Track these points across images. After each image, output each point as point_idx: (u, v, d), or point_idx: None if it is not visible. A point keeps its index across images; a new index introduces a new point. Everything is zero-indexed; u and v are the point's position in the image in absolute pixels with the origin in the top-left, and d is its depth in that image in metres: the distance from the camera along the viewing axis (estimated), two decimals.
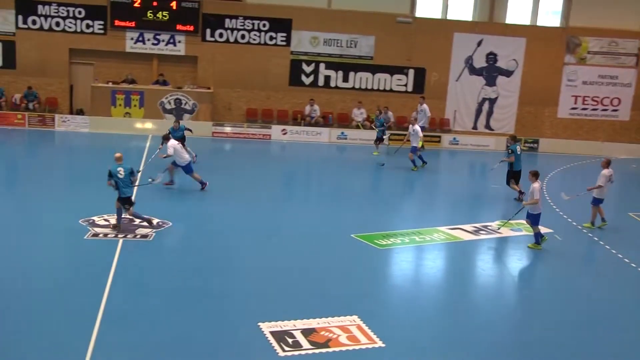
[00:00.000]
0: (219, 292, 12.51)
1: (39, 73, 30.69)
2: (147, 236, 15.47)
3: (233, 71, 31.79)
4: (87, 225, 16.01)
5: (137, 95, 30.29)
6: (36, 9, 30.25)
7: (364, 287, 13.24)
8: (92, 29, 30.64)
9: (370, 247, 15.66)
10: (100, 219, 16.53)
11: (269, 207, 19.21)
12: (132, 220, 16.40)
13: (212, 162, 25.30)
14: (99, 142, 28.00)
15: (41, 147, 27.10)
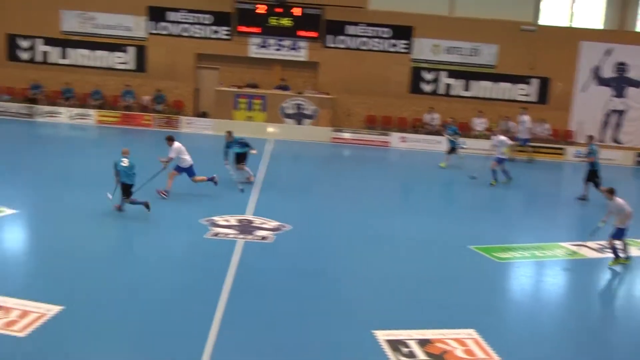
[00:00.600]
0: (335, 297, 12.54)
1: (167, 76, 31.80)
2: (266, 238, 15.71)
3: (353, 78, 31.93)
4: (208, 225, 16.40)
5: (259, 100, 30.88)
6: (166, 16, 31.36)
7: (481, 300, 12.98)
8: (217, 34, 31.49)
9: (489, 259, 15.34)
10: (221, 219, 16.90)
11: (384, 213, 19.15)
12: (251, 222, 16.71)
13: (330, 167, 25.50)
14: (221, 144, 28.63)
15: (166, 148, 27.95)
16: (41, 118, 30.48)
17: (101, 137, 29.01)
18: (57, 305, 11.30)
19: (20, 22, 31.67)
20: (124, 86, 31.49)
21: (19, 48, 31.95)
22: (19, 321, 10.83)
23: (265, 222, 16.93)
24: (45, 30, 31.68)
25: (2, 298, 11.52)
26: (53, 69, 31.89)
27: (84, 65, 31.88)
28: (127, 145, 18.22)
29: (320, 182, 23.23)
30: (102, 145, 27.70)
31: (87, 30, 31.57)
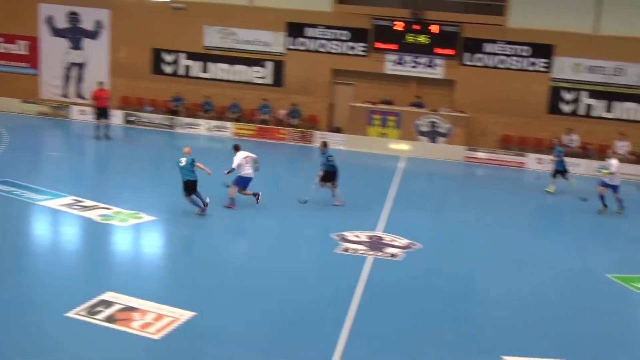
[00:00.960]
0: (463, 319, 12.32)
1: (303, 91, 32.35)
2: (395, 255, 15.65)
3: (490, 96, 31.40)
4: (339, 240, 16.51)
5: (393, 116, 30.87)
6: (304, 32, 31.94)
7: (617, 332, 12.39)
8: (354, 50, 31.77)
9: (629, 290, 14.64)
10: (352, 235, 16.98)
11: (516, 236, 18.67)
12: (382, 239, 16.69)
13: (463, 186, 25.13)
14: (354, 160, 28.86)
15: (300, 162, 28.46)
16: (181, 129, 31.69)
17: None
18: (190, 311, 11.67)
19: (165, 38, 33.12)
20: (261, 100, 32.29)
21: (163, 62, 33.39)
22: (154, 324, 11.26)
23: (396, 240, 16.87)
24: (188, 45, 32.97)
25: (139, 301, 12.01)
26: (194, 82, 33.13)
27: (223, 79, 32.94)
28: (260, 157, 18.69)
29: (453, 201, 22.92)
30: None
31: (227, 46, 32.62)
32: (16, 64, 34.21)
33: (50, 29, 33.83)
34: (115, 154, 27.74)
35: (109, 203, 18.55)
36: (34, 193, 19.17)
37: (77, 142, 29.67)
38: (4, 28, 34.01)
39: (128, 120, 32.38)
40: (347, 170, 27.32)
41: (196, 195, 18.11)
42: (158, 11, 32.93)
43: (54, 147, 27.87)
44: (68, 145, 29.32)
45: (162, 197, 20.28)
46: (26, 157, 24.41)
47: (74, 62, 34.00)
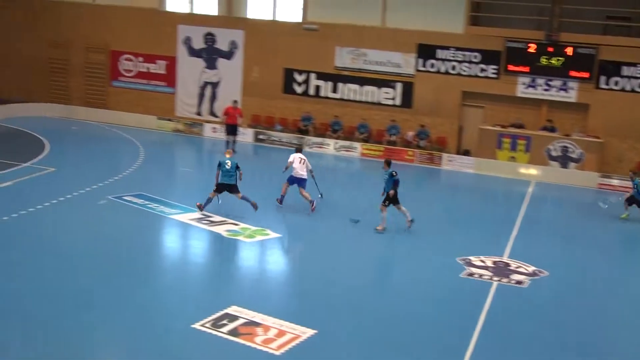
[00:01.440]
0: (588, 352, 11.86)
1: (431, 113, 32.18)
2: (521, 282, 15.27)
3: (626, 121, 30.14)
4: (464, 264, 16.31)
5: (523, 140, 30.20)
6: (435, 53, 31.80)
7: None
8: (485, 72, 31.33)
9: None
10: (477, 259, 16.73)
11: None
12: (508, 265, 16.35)
13: (595, 215, 24.17)
14: (482, 183, 28.43)
15: (427, 184, 28.26)
16: (309, 148, 32.16)
17: (364, 169, 29.96)
18: (311, 328, 11.79)
19: (297, 58, 33.77)
20: (389, 121, 32.33)
21: (295, 82, 34.03)
22: (276, 340, 11.45)
23: (522, 266, 16.48)
24: (319, 65, 33.46)
25: (262, 316, 12.25)
26: (323, 102, 33.57)
27: (352, 99, 33.22)
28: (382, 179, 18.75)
29: (582, 230, 22.12)
30: (364, 177, 28.58)
31: (358, 66, 32.91)
32: (155, 83, 35.78)
33: (188, 49, 35.20)
34: (244, 170, 28.43)
35: (236, 219, 19.05)
36: (166, 207, 19.95)
37: (208, 159, 30.64)
38: (146, 48, 35.66)
39: (258, 138, 33.17)
40: (474, 193, 27.01)
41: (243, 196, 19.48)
42: (290, 32, 33.65)
43: (187, 163, 28.94)
44: (200, 161, 30.35)
45: (289, 215, 20.62)
46: (160, 172, 25.44)
47: (208, 81, 35.21)
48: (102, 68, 36.16)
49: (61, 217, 18.62)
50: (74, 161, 25.86)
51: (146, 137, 31.74)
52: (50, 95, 36.65)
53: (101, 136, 31.80)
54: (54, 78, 36.73)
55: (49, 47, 36.42)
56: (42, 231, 17.17)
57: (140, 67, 35.90)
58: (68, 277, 13.93)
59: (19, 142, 28.46)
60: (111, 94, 36.26)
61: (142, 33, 35.46)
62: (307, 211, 20.07)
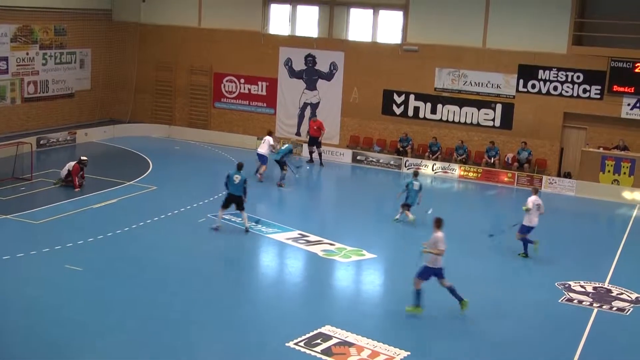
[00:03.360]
0: None
1: (531, 134, 31.62)
2: (623, 310, 14.83)
3: None
4: (563, 289, 15.98)
5: (627, 163, 29.27)
6: (536, 74, 31.28)
7: None
8: (588, 93, 30.59)
9: None
10: (577, 285, 16.37)
11: None
12: (609, 291, 15.92)
13: None
14: (584, 207, 27.72)
15: None
16: (406, 170, 32.09)
17: (462, 191, 29.69)
18: (404, 350, 11.80)
19: (396, 79, 33.80)
20: (488, 142, 31.93)
21: (394, 103, 34.08)
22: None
23: (625, 293, 16.01)
24: (419, 86, 33.40)
25: (356, 336, 12.36)
26: (422, 123, 33.47)
27: (451, 120, 32.99)
28: (484, 202, 18.57)
29: None
30: (462, 199, 28.32)
31: (457, 87, 32.68)
32: (256, 104, 36.51)
33: (288, 70, 35.81)
34: (341, 191, 28.70)
35: (332, 239, 19.25)
36: (264, 226, 20.34)
37: (304, 179, 31.00)
38: (248, 70, 36.47)
39: (357, 159, 33.36)
40: (576, 217, 26.37)
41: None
42: (390, 53, 33.77)
43: (286, 182, 29.29)
44: (298, 181, 30.72)
45: (384, 235, 20.75)
46: (258, 190, 25.89)
47: (308, 102, 35.69)
48: (205, 90, 37.19)
49: (162, 234, 19.27)
50: (175, 180, 26.65)
51: (246, 157, 32.31)
52: (155, 116, 37.93)
53: (202, 156, 32.64)
54: (160, 99, 38.00)
55: (156, 69, 37.74)
56: (141, 249, 17.84)
57: (242, 88, 36.74)
58: (168, 293, 14.39)
59: (124, 161, 29.62)
60: (213, 115, 37.21)
61: (244, 55, 36.30)
62: (404, 233, 20.05)
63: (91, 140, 33.24)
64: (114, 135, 34.71)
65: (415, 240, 19.94)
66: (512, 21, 31.76)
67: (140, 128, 36.70)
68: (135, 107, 38.14)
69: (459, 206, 25.99)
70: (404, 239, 20.39)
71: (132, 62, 37.87)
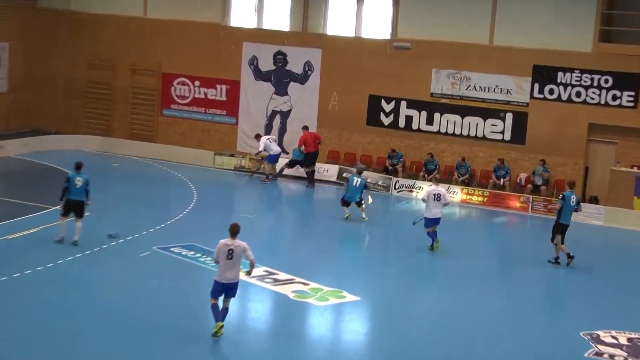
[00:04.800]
0: None
1: (550, 150, 31.58)
2: None
3: None
4: (590, 340, 15.87)
5: None
6: (555, 77, 31.30)
7: None
8: (619, 100, 30.64)
9: None
10: (607, 335, 16.25)
11: None
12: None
13: None
14: (614, 239, 27.72)
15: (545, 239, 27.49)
16: (397, 192, 31.92)
17: (464, 219, 29.51)
18: None
19: (384, 83, 33.66)
20: (496, 160, 31.85)
21: (382, 111, 33.96)
22: None
23: None
24: (412, 91, 33.33)
25: None
26: (415, 136, 33.37)
27: (451, 133, 32.92)
28: (493, 231, 18.40)
29: None
30: (464, 228, 28.10)
31: (458, 93, 32.63)
32: (213, 111, 36.26)
33: (254, 71, 35.62)
34: (319, 217, 28.43)
35: (306, 277, 19.08)
36: None
37: (275, 203, 30.73)
38: (205, 71, 36.20)
39: (343, 176, 33.10)
40: (604, 252, 26.29)
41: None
42: (377, 51, 33.71)
43: (248, 208, 28.98)
44: (265, 205, 30.38)
45: (368, 274, 20.70)
46: (216, 218, 25.59)
47: (277, 109, 35.50)
48: (151, 94, 36.90)
49: (94, 271, 18.91)
50: (113, 204, 26.28)
51: (202, 177, 32.07)
52: (88, 125, 37.55)
53: (147, 175, 32.35)
54: (95, 105, 37.62)
55: (90, 68, 37.41)
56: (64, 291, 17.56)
57: (197, 92, 36.49)
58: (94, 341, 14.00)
59: (48, 181, 29.12)
60: (161, 125, 36.92)
61: (200, 52, 36.09)
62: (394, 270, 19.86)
63: (7, 154, 32.88)
64: (37, 149, 34.39)
65: (409, 279, 19.78)
66: (526, 13, 31.87)
67: (70, 140, 36.40)
68: (64, 114, 37.80)
69: (460, 237, 25.78)
70: (394, 276, 20.18)
71: (61, 59, 37.56)
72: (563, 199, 22.56)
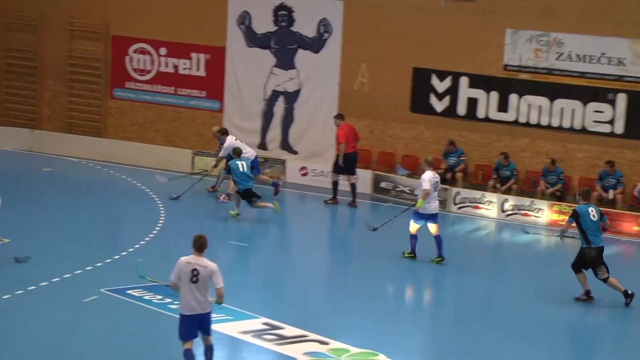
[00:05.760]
0: None
1: None
2: None
3: None
4: None
5: None
6: None
7: None
8: None
9: None
10: None
11: None
12: None
13: None
14: None
15: None
16: (458, 209, 31.75)
17: (554, 249, 29.34)
18: None
19: (436, 51, 33.46)
20: (603, 164, 31.66)
21: (432, 92, 33.78)
22: None
23: None
24: (477, 63, 33.15)
25: None
26: (482, 127, 33.20)
27: (534, 123, 32.72)
28: None
29: None
30: (554, 261, 27.86)
31: (545, 65, 32.45)
32: (188, 92, 36.17)
33: (245, 33, 35.57)
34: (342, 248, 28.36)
35: (324, 333, 19.00)
36: None
37: (281, 225, 30.58)
38: (175, 34, 36.13)
39: (380, 187, 33.00)
40: None
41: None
42: (425, 4, 33.60)
43: (240, 234, 28.93)
44: (265, 228, 30.27)
45: (413, 327, 20.84)
46: None
47: (280, 89, 35.43)
48: (96, 66, 36.91)
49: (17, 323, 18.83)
50: (44, 227, 26.25)
51: (171, 187, 31.90)
52: (8, 113, 37.59)
53: (93, 183, 32.26)
54: (15, 84, 37.69)
55: (7, 30, 37.48)
56: None
57: (164, 64, 36.51)
58: None
59: None
60: (112, 112, 36.98)
61: (167, 6, 36.10)
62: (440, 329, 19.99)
63: None
64: None
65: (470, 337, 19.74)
66: None
67: None
68: None
69: (549, 275, 25.64)
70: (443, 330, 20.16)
71: None
72: (575, 215, 22.88)
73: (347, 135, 31.57)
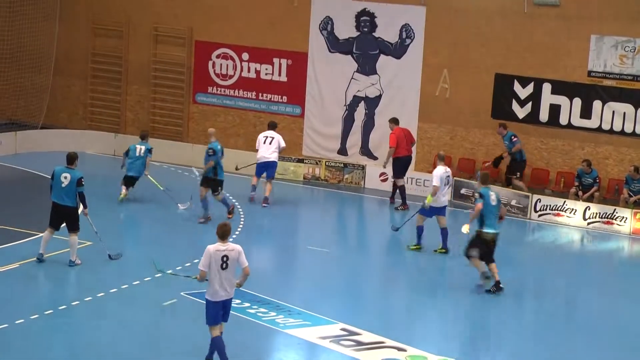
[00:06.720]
0: None
1: None
2: None
3: None
4: None
5: None
6: None
7: None
8: None
9: None
10: None
11: None
12: None
13: None
14: None
15: None
16: (539, 216, 31.50)
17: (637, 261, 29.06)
18: None
19: (519, 57, 33.26)
20: None
21: (515, 98, 33.57)
22: None
23: None
24: (560, 69, 32.88)
25: None
26: (564, 135, 32.95)
27: (618, 130, 32.36)
28: None
29: None
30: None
31: (631, 71, 32.11)
32: (269, 97, 36.25)
33: (327, 39, 35.57)
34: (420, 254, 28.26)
35: (403, 339, 18.91)
36: (280, 312, 20.28)
37: (359, 230, 30.53)
38: (257, 39, 36.22)
39: (460, 194, 32.84)
40: None
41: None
42: (509, 9, 33.44)
43: (322, 239, 28.86)
44: (343, 235, 30.23)
45: (498, 338, 20.66)
46: (271, 252, 25.58)
47: (362, 94, 35.40)
48: (180, 71, 37.14)
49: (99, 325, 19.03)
50: (121, 232, 26.39)
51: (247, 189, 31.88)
52: (92, 117, 37.93)
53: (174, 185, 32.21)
54: (100, 88, 38.03)
55: (93, 35, 37.84)
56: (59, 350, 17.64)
57: (246, 69, 36.64)
58: None
59: (33, 195, 29.68)
60: (194, 116, 37.18)
61: (249, 12, 36.23)
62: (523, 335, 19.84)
63: None
64: (17, 150, 34.86)
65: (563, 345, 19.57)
66: None
67: (65, 137, 36.81)
68: (56, 100, 38.22)
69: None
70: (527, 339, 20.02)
71: (51, 22, 38.01)
72: (481, 197, 23.16)
73: (399, 140, 31.54)
